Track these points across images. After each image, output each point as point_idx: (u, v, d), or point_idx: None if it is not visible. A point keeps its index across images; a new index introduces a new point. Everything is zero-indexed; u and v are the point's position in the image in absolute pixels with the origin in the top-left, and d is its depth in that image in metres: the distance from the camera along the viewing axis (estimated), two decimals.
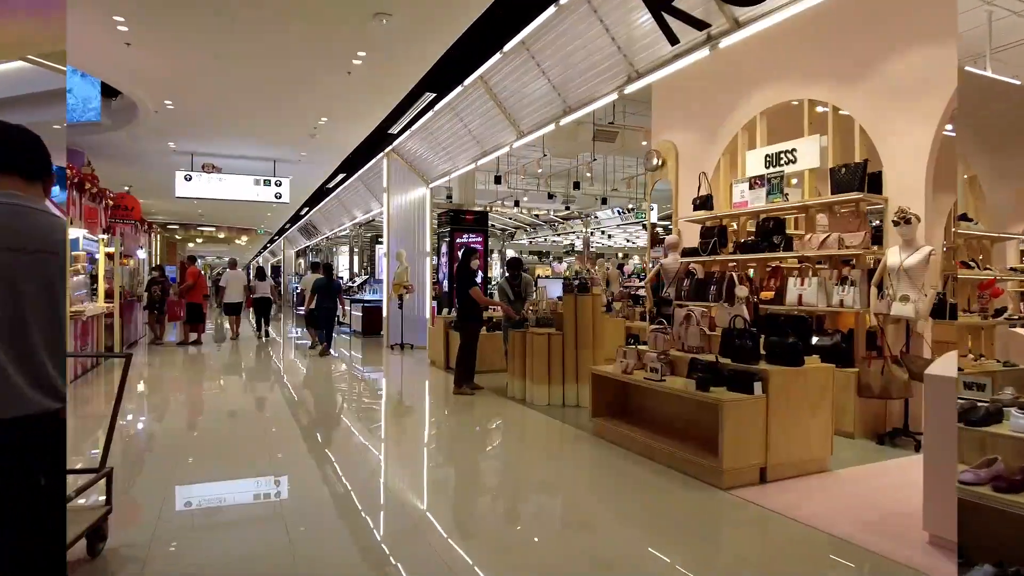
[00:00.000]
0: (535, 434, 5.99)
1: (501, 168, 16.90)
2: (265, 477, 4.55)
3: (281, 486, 4.35)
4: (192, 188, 13.49)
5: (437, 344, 9.71)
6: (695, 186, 7.72)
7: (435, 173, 11.97)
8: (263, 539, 3.35)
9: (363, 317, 14.99)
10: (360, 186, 16.23)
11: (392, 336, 12.38)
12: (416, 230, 12.39)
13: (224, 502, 4.11)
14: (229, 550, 3.22)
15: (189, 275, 12.67)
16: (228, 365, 10.69)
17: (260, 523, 3.63)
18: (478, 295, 7.44)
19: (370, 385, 8.95)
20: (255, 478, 4.55)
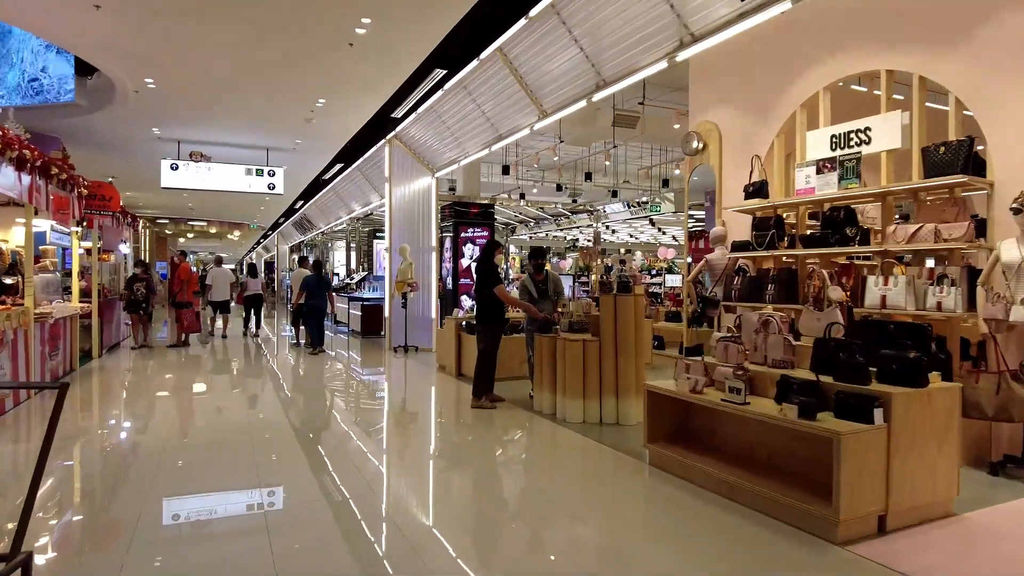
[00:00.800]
0: (573, 460, 5.11)
1: (508, 158, 16.01)
2: (250, 517, 3.65)
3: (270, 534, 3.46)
4: (179, 178, 12.53)
5: (447, 348, 8.82)
6: (741, 171, 6.86)
7: (441, 161, 11.06)
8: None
9: (362, 316, 14.09)
10: (359, 177, 15.29)
11: (395, 337, 11.48)
12: (420, 223, 11.48)
13: (201, 553, 3.22)
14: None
15: (182, 272, 11.73)
16: (215, 371, 9.77)
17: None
18: (503, 294, 6.55)
19: (371, 395, 8.05)
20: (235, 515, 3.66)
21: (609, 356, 5.81)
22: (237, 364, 10.33)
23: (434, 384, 8.43)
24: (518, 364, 8.15)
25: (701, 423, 4.63)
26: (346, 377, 9.26)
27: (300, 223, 26.93)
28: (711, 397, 4.13)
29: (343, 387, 8.44)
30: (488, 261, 6.64)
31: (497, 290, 6.49)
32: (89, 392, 7.69)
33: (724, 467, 4.04)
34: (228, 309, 13.93)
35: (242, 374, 9.30)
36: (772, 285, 6.07)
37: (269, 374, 9.27)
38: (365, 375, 9.53)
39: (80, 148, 12.66)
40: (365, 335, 14.04)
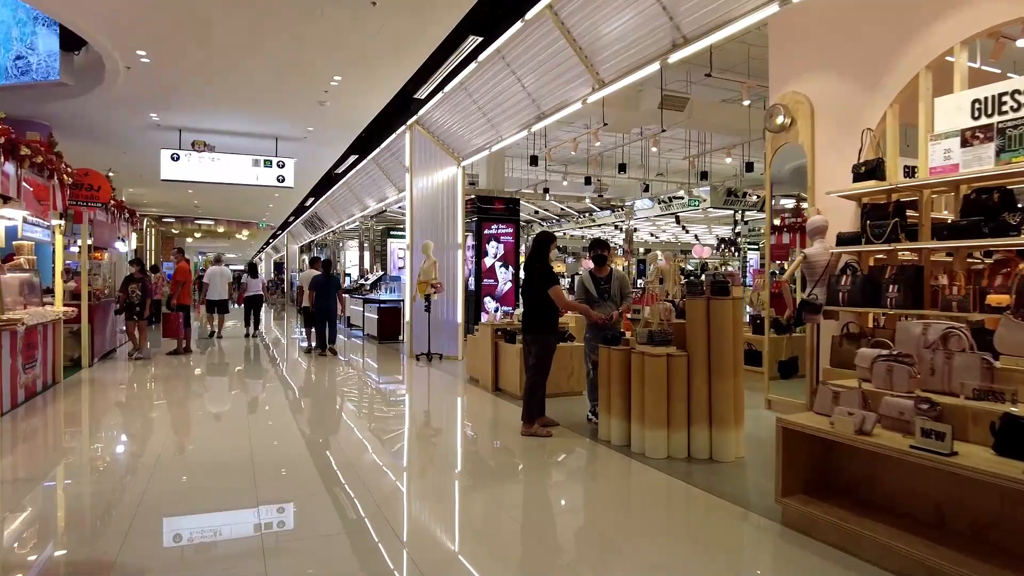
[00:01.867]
0: (671, 515, 3.96)
1: (532, 149, 14.90)
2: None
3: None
4: (180, 169, 11.49)
5: (481, 358, 7.69)
6: (838, 150, 5.71)
7: (468, 148, 9.94)
8: None
9: (379, 320, 13.00)
10: (374, 169, 14.20)
11: (417, 344, 10.37)
12: (445, 217, 10.37)
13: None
14: None
15: (179, 272, 10.68)
16: (211, 384, 8.69)
17: None
18: (561, 298, 5.42)
19: (394, 414, 6.93)
20: None
21: (700, 375, 4.66)
22: (237, 375, 9.24)
23: (467, 401, 7.30)
24: (565, 378, 7.03)
25: (853, 470, 3.47)
26: (364, 391, 8.15)
27: (311, 222, 25.92)
28: (889, 441, 2.97)
29: (360, 405, 7.33)
30: (542, 257, 5.51)
31: (553, 292, 5.36)
32: (61, 411, 6.62)
33: (908, 537, 2.88)
34: (226, 309, 13.48)
35: (241, 388, 8.22)
36: (893, 286, 4.91)
37: (273, 388, 8.18)
38: (385, 389, 8.42)
39: (73, 138, 11.65)
40: (382, 340, 12.95)
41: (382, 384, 8.63)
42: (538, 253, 5.54)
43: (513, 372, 6.96)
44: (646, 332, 4.80)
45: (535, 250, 5.57)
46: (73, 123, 10.79)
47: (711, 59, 7.70)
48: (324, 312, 10.90)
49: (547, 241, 5.53)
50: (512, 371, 6.99)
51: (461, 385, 8.06)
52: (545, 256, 5.49)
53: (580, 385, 7.09)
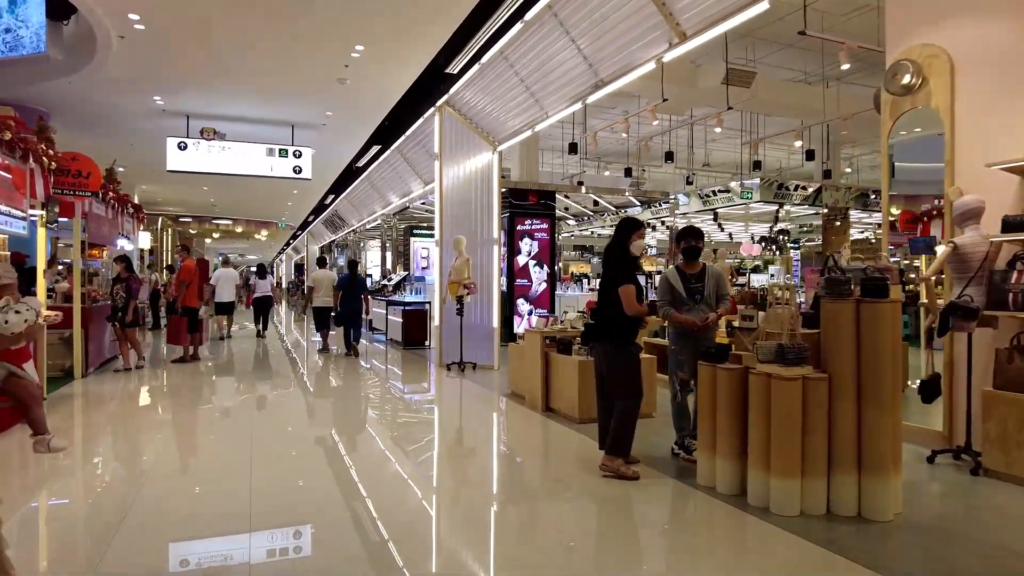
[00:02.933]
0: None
1: (561, 137, 13.72)
2: None
3: None
4: (188, 159, 10.51)
5: (528, 371, 6.52)
6: (991, 114, 4.47)
7: (505, 131, 8.80)
8: None
9: (403, 324, 11.91)
10: (398, 161, 13.14)
11: (448, 352, 9.25)
12: (478, 209, 9.23)
13: None
14: None
15: (184, 271, 9.68)
16: (213, 399, 7.64)
17: None
18: (629, 297, 4.20)
19: (426, 439, 5.79)
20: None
21: (846, 404, 3.45)
22: (244, 387, 8.19)
23: (512, 424, 6.14)
24: None
25: None
26: (388, 409, 7.03)
27: (331, 220, 25.00)
28: None
29: (385, 427, 6.20)
30: (622, 248, 4.34)
31: (622, 291, 4.17)
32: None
33: None
34: (232, 310, 13.49)
35: (247, 405, 7.15)
36: None
37: (284, 404, 7.11)
38: (413, 406, 7.30)
39: (75, 128, 10.77)
40: (406, 345, 11.85)
41: (409, 400, 7.51)
42: (616, 242, 4.37)
43: (569, 390, 5.79)
44: (772, 347, 3.59)
45: (615, 240, 4.40)
46: (72, 109, 9.87)
47: (805, 15, 6.46)
48: (349, 313, 10.72)
49: (629, 228, 4.36)
50: (568, 389, 5.82)
51: (502, 403, 6.90)
52: (624, 246, 4.32)
53: (646, 406, 5.91)
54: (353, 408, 7.00)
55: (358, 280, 11.11)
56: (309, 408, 6.88)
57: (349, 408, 6.97)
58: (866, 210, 17.90)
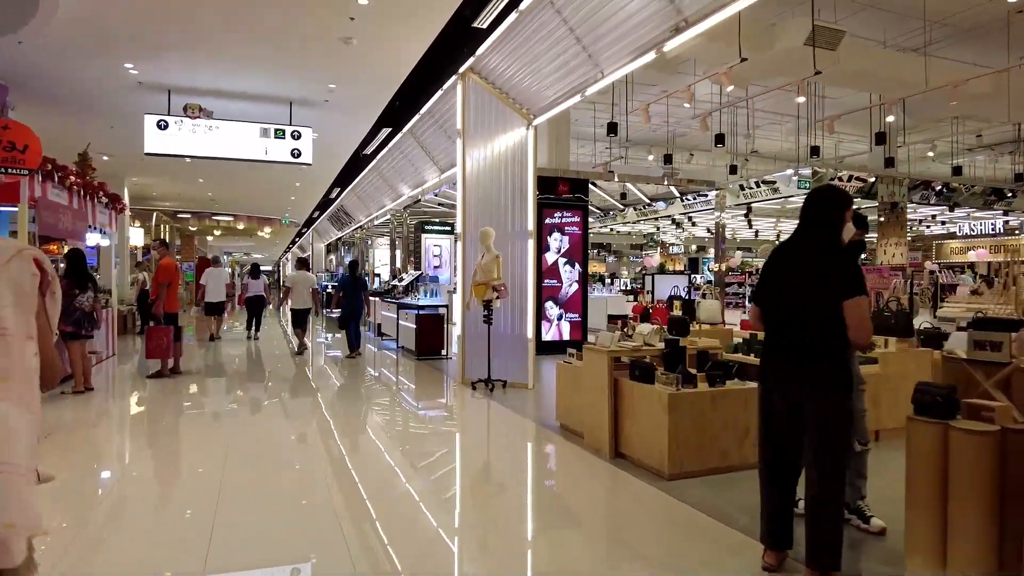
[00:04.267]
0: None
1: (590, 122, 12.19)
2: None
3: None
4: (169, 141, 9.04)
5: (588, 401, 4.97)
6: None
7: (544, 100, 7.28)
8: None
9: (417, 330, 10.41)
10: (411, 146, 11.65)
11: (472, 367, 7.75)
12: (509, 197, 7.71)
13: None
14: None
15: (162, 270, 8.21)
16: (192, 425, 6.16)
17: None
18: (865, 318, 2.57)
19: (445, 487, 4.26)
20: None
21: None
22: (223, 413, 6.70)
23: (572, 475, 4.61)
24: (734, 442, 4.31)
25: None
26: (401, 442, 5.51)
27: (337, 216, 23.57)
28: None
29: (398, 468, 4.67)
30: (834, 236, 2.76)
31: (854, 307, 2.58)
32: None
33: None
34: (223, 311, 13.27)
35: (226, 436, 5.65)
36: None
37: (270, 436, 5.61)
38: (432, 436, 5.79)
39: (38, 104, 9.33)
40: (420, 356, 10.36)
41: (427, 433, 5.99)
42: (823, 228, 2.79)
43: (653, 433, 4.26)
44: None
45: (812, 223, 2.83)
46: (32, 82, 8.44)
47: None
48: (351, 315, 10.54)
49: (842, 203, 2.80)
50: (651, 432, 4.29)
51: (550, 440, 5.37)
52: (836, 234, 2.76)
53: (755, 453, 4.38)
54: (357, 446, 5.50)
55: (360, 281, 10.94)
56: (304, 450, 5.38)
57: (352, 447, 5.47)
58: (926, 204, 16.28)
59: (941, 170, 18.17)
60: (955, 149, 14.49)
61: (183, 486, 4.35)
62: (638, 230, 29.52)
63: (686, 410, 4.16)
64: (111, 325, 10.39)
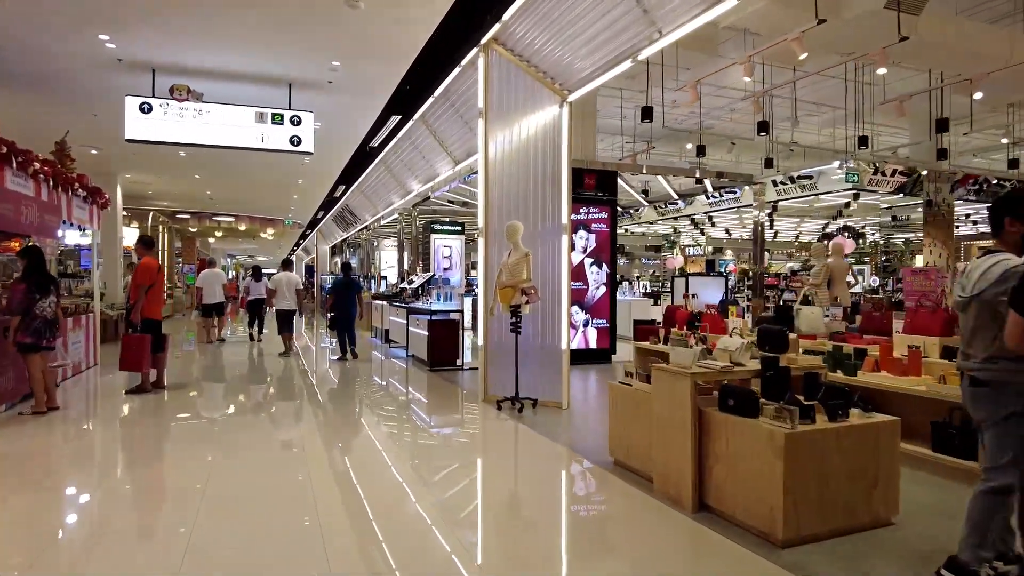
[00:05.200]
0: None
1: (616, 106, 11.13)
2: None
3: None
4: (153, 126, 8.05)
5: (666, 439, 3.90)
6: None
7: (582, 71, 6.24)
8: None
9: (429, 337, 9.38)
10: (423, 136, 10.63)
11: (496, 382, 6.72)
12: (539, 185, 6.66)
13: None
14: None
15: (140, 271, 7.21)
16: (166, 454, 5.13)
17: None
18: None
19: (472, 549, 3.22)
20: None
21: None
22: (216, 438, 5.67)
23: (646, 537, 3.53)
24: (860, 494, 3.27)
25: None
26: (415, 479, 4.45)
27: (342, 216, 22.57)
28: None
29: (411, 513, 3.62)
30: None
31: None
32: None
33: None
34: (222, 312, 13.09)
35: (205, 475, 4.60)
36: None
37: (254, 462, 4.57)
38: (453, 472, 4.73)
39: (10, 86, 8.36)
40: (433, 366, 9.32)
41: (445, 465, 4.93)
42: None
43: (758, 482, 3.20)
44: None
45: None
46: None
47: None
48: (345, 317, 10.50)
49: None
50: (756, 480, 3.23)
51: (604, 482, 4.31)
52: None
53: (887, 506, 3.34)
54: (364, 484, 4.45)
55: (354, 283, 10.96)
56: (294, 490, 4.34)
57: (358, 485, 4.42)
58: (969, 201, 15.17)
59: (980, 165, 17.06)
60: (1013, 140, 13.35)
61: (146, 537, 3.32)
62: (653, 231, 28.38)
63: (806, 454, 3.11)
64: (93, 332, 9.41)
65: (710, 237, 29.21)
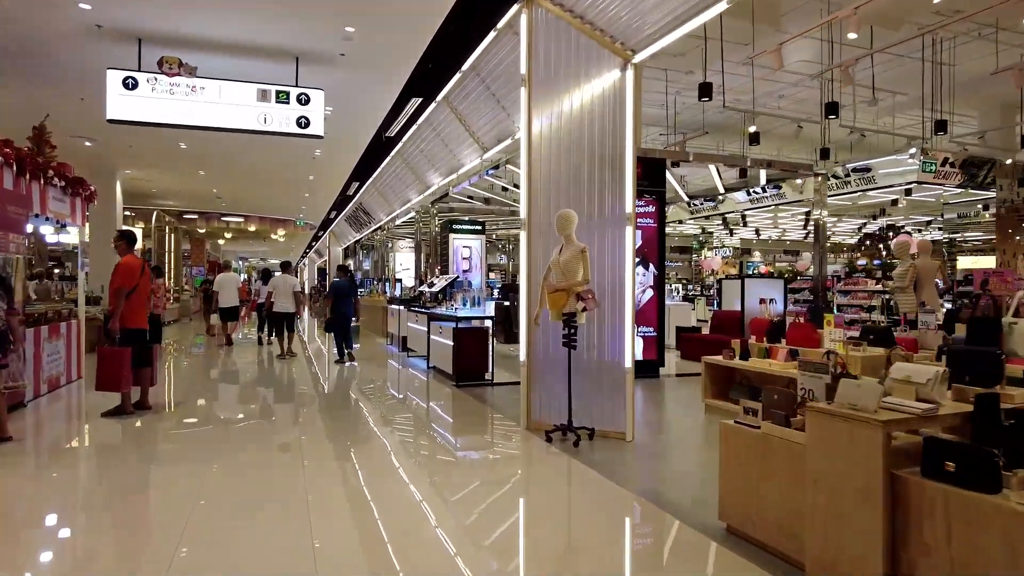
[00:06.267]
0: None
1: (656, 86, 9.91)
2: None
3: None
4: (139, 104, 6.97)
5: (833, 513, 2.70)
6: None
7: (649, 25, 5.07)
8: None
9: (455, 348, 8.22)
10: (446, 119, 9.49)
11: (541, 405, 5.54)
12: (597, 167, 5.48)
13: None
14: None
15: (119, 272, 6.13)
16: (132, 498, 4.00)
17: None
18: None
19: None
20: None
21: None
22: (187, 487, 4.53)
23: None
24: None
25: None
26: (455, 541, 3.27)
27: (355, 216, 21.53)
28: None
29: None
30: None
31: None
32: None
33: None
34: (237, 316, 13.05)
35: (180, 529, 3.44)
36: None
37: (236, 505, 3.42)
38: (496, 547, 3.55)
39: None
40: (459, 381, 8.17)
41: (483, 524, 3.75)
42: None
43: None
44: None
45: None
46: None
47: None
48: (343, 319, 10.43)
49: None
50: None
51: (720, 560, 3.11)
52: None
53: None
54: (394, 548, 3.28)
55: (354, 285, 10.77)
56: (289, 555, 3.18)
57: (378, 550, 3.26)
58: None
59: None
60: None
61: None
62: (680, 231, 27.12)
63: None
64: (77, 341, 8.35)
65: (741, 238, 27.94)
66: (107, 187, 14.03)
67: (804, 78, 10.80)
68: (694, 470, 4.63)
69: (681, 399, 7.35)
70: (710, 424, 5.95)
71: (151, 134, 10.79)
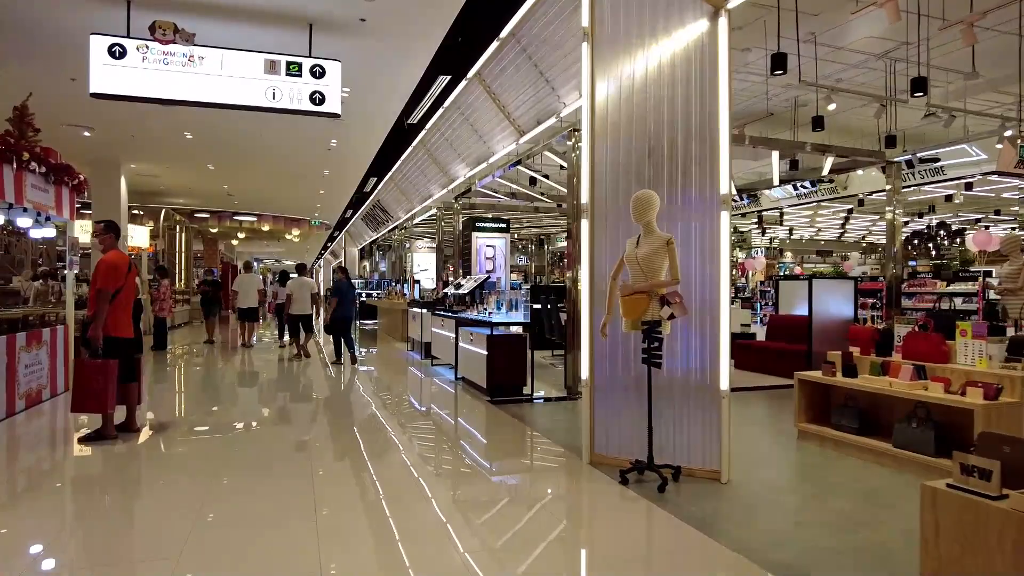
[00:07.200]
0: None
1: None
2: None
3: None
4: (128, 75, 5.98)
5: None
6: None
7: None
8: None
9: (488, 358, 7.15)
10: (477, 98, 8.44)
11: (608, 432, 4.47)
12: (680, 141, 4.40)
13: None
14: None
15: (102, 270, 5.15)
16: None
17: None
18: None
19: None
20: None
21: None
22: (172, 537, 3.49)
23: None
24: None
25: None
26: None
27: (372, 215, 20.58)
28: None
29: None
30: None
31: None
32: None
33: None
34: (256, 317, 13.06)
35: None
36: None
37: None
38: None
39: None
40: (493, 397, 7.11)
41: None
42: None
43: None
44: None
45: None
46: None
47: None
48: (346, 321, 10.32)
49: None
50: None
51: None
52: None
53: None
54: None
55: (350, 286, 10.94)
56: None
57: None
58: None
59: None
60: None
61: None
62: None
63: None
64: (64, 349, 7.41)
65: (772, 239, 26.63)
66: (111, 182, 13.16)
67: (868, 58, 9.64)
68: (836, 529, 3.50)
69: (761, 422, 6.23)
70: (822, 459, 4.88)
71: (153, 121, 9.88)
